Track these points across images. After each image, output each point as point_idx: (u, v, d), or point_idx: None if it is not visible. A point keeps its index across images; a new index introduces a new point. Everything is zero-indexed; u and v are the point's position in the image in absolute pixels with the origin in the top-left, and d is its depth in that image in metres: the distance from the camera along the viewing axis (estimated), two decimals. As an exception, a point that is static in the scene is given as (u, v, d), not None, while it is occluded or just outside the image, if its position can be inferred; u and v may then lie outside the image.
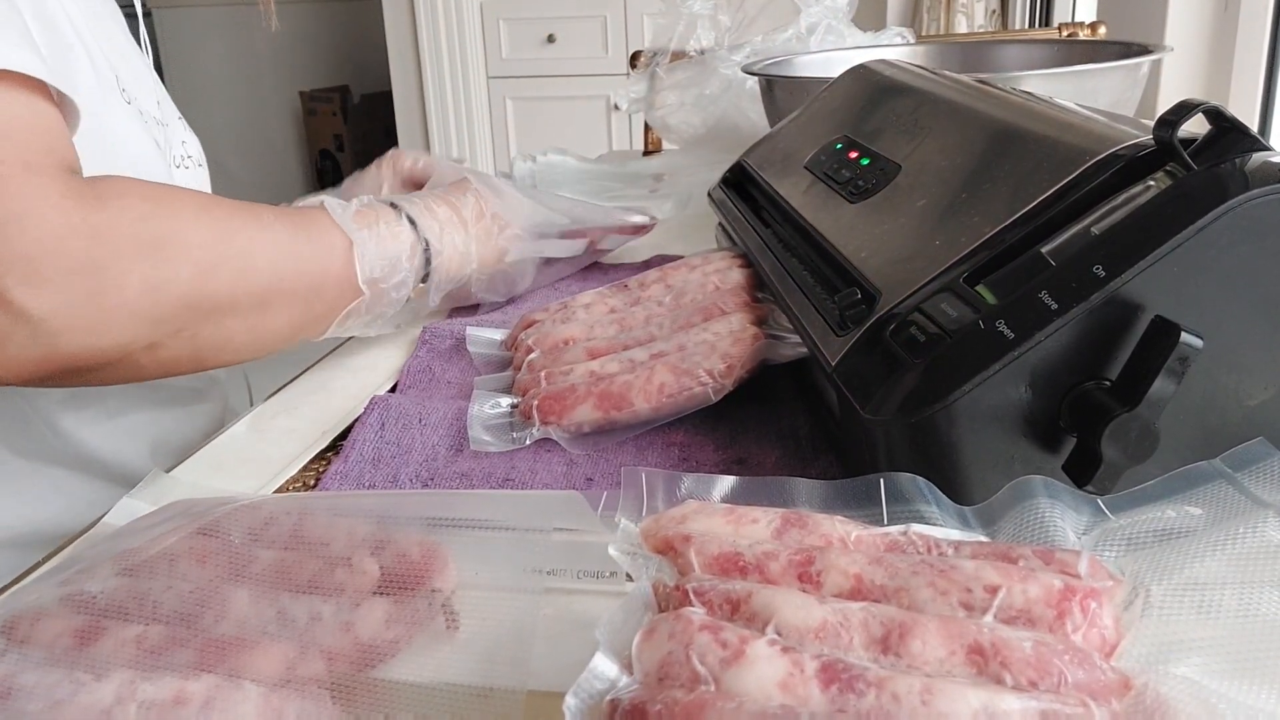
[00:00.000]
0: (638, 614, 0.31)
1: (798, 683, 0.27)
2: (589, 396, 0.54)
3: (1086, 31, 1.22)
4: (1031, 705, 0.26)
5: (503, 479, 0.51)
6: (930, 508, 0.37)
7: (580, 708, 0.28)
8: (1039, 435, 0.39)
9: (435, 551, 0.37)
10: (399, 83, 3.49)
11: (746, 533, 0.35)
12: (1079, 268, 0.38)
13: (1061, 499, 0.36)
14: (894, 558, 0.32)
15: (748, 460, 0.52)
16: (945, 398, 0.38)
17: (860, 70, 0.76)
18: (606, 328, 0.62)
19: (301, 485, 0.52)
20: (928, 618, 0.29)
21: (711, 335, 0.56)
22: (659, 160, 1.40)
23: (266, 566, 0.37)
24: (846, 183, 0.59)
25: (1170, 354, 0.36)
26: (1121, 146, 0.42)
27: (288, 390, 0.67)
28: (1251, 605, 0.29)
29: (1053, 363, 0.38)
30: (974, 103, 0.58)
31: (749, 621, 0.30)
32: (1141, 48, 0.92)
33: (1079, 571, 0.31)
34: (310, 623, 0.34)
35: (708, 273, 0.66)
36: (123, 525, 0.45)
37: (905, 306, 0.43)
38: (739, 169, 0.78)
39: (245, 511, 0.40)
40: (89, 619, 0.35)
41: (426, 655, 0.34)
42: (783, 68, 1.08)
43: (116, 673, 0.32)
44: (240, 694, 0.31)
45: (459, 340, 0.69)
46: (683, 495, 0.40)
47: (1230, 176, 0.38)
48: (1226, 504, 0.33)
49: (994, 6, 2.32)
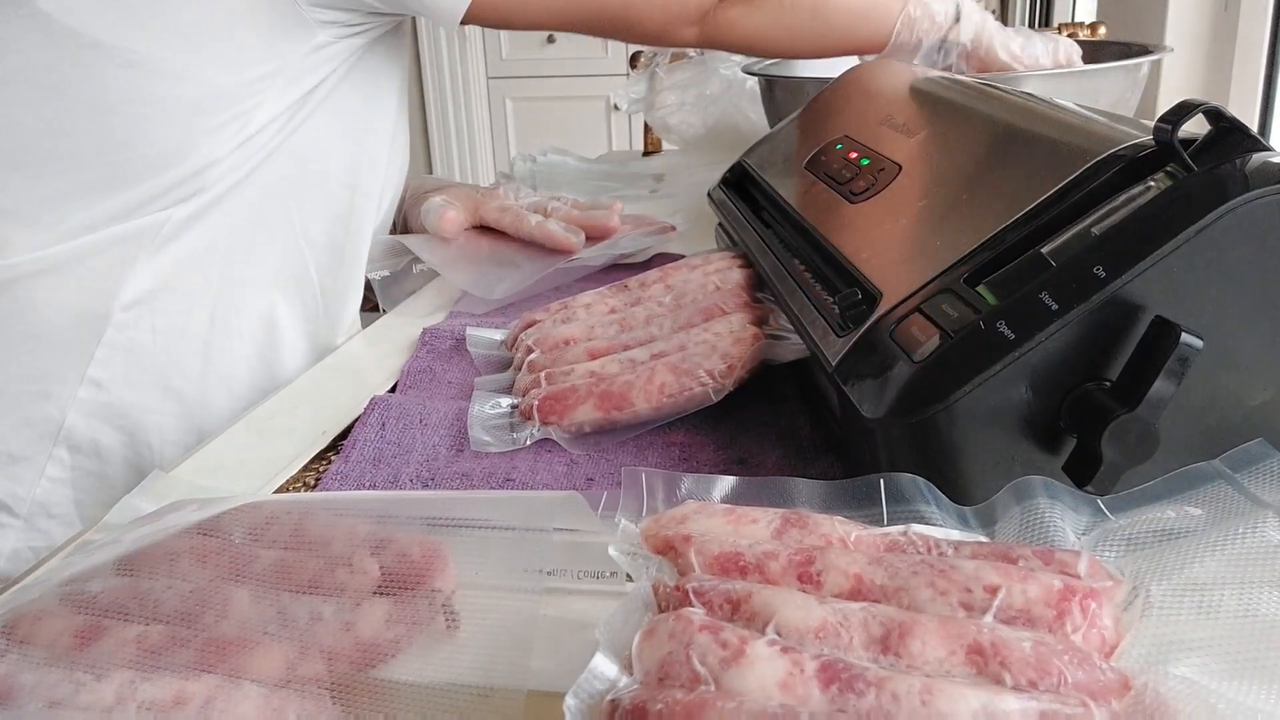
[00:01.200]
0: (638, 614, 0.31)
1: (797, 682, 0.27)
2: (589, 397, 0.54)
3: (1086, 32, 1.22)
4: (1031, 705, 0.26)
5: (503, 479, 0.51)
6: (930, 508, 0.37)
7: (580, 708, 0.28)
8: (1039, 436, 0.39)
9: (435, 551, 0.37)
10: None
11: (746, 533, 0.35)
12: (1079, 268, 0.39)
13: (1061, 499, 0.36)
14: (894, 558, 0.32)
15: (748, 460, 0.52)
16: (946, 398, 0.38)
17: (860, 70, 0.76)
18: (607, 328, 0.62)
19: (302, 485, 0.52)
20: (927, 618, 0.29)
21: (712, 335, 0.56)
22: (659, 160, 1.40)
23: (267, 566, 0.37)
24: (846, 183, 0.59)
25: (1170, 355, 0.36)
26: (1122, 147, 0.42)
27: (288, 390, 0.67)
28: (1251, 605, 0.29)
29: (1053, 363, 0.38)
30: (974, 103, 0.58)
31: (749, 621, 0.30)
32: (1141, 48, 0.92)
33: (1079, 572, 0.31)
34: (311, 623, 0.34)
35: (708, 273, 0.66)
36: (123, 525, 0.45)
37: (906, 307, 0.43)
38: (739, 169, 0.78)
39: (246, 511, 0.40)
40: (89, 619, 0.35)
41: (427, 655, 0.34)
42: (783, 68, 1.08)
43: (117, 673, 0.32)
44: (240, 694, 0.31)
45: (459, 340, 0.69)
46: (683, 495, 0.40)
47: (1230, 177, 0.38)
48: (1226, 504, 0.33)
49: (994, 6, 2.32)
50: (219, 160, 0.67)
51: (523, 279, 0.80)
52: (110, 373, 0.68)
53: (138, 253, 0.66)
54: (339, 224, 0.77)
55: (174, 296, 0.69)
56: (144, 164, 0.65)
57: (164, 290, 0.68)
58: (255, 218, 0.71)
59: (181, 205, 0.67)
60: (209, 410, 0.72)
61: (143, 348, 0.68)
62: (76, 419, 0.68)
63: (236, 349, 0.73)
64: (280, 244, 0.74)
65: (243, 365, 0.74)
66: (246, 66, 0.67)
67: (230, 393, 0.73)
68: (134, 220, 0.66)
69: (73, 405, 0.67)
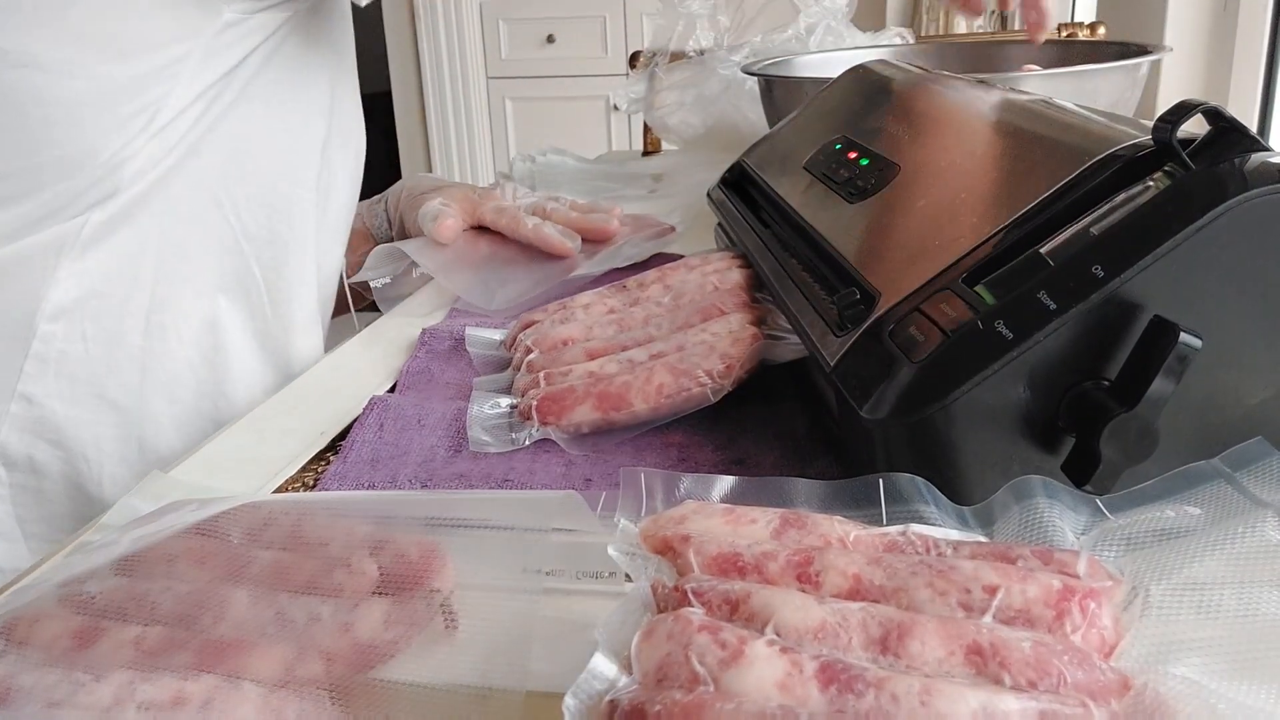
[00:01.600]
0: (636, 614, 0.31)
1: (796, 683, 0.27)
2: (588, 397, 0.54)
3: (1086, 32, 1.22)
4: (1030, 706, 0.26)
5: (501, 479, 0.51)
6: (929, 508, 0.37)
7: (579, 708, 0.28)
8: (1038, 435, 0.39)
9: (434, 552, 0.37)
10: (398, 83, 3.48)
11: (745, 533, 0.35)
12: (1078, 268, 0.39)
13: (1060, 499, 0.36)
14: (893, 558, 0.32)
15: (746, 460, 0.52)
16: (944, 398, 0.38)
17: (859, 70, 0.76)
18: (605, 328, 0.62)
19: (301, 485, 0.52)
20: (926, 618, 0.29)
21: (710, 335, 0.56)
22: (658, 160, 1.40)
23: (265, 567, 0.37)
24: (845, 183, 0.59)
25: (1169, 354, 0.36)
26: (1120, 147, 0.42)
27: (287, 390, 0.67)
28: (1251, 605, 0.29)
29: (1051, 363, 0.38)
30: (973, 103, 0.58)
31: (748, 622, 0.30)
32: (1140, 48, 0.92)
33: (1078, 571, 0.31)
34: (309, 623, 0.34)
35: (707, 273, 0.66)
36: (121, 526, 0.45)
37: (904, 307, 0.43)
38: (738, 169, 0.78)
39: (244, 512, 0.39)
40: (87, 620, 0.35)
41: (425, 656, 0.34)
42: (782, 68, 1.09)
43: (115, 674, 0.32)
44: (239, 695, 0.31)
45: (458, 341, 0.69)
46: (681, 495, 0.40)
47: (1229, 176, 0.38)
48: (1225, 504, 0.33)
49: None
50: (132, 156, 0.63)
51: (521, 291, 0.79)
52: (41, 387, 0.65)
53: (58, 260, 0.63)
54: (279, 217, 0.74)
55: (104, 304, 0.66)
56: (51, 168, 0.62)
57: (92, 298, 0.65)
58: (185, 215, 0.68)
59: (98, 208, 0.64)
60: (149, 420, 0.70)
61: (74, 359, 0.66)
62: (9, 435, 0.65)
63: (177, 355, 0.70)
64: (216, 241, 0.70)
65: (185, 371, 0.71)
66: (146, 53, 0.63)
67: (173, 400, 0.71)
68: (48, 228, 0.63)
69: (5, 421, 0.65)
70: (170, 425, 0.70)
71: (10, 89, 0.60)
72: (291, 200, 0.75)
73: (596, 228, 0.86)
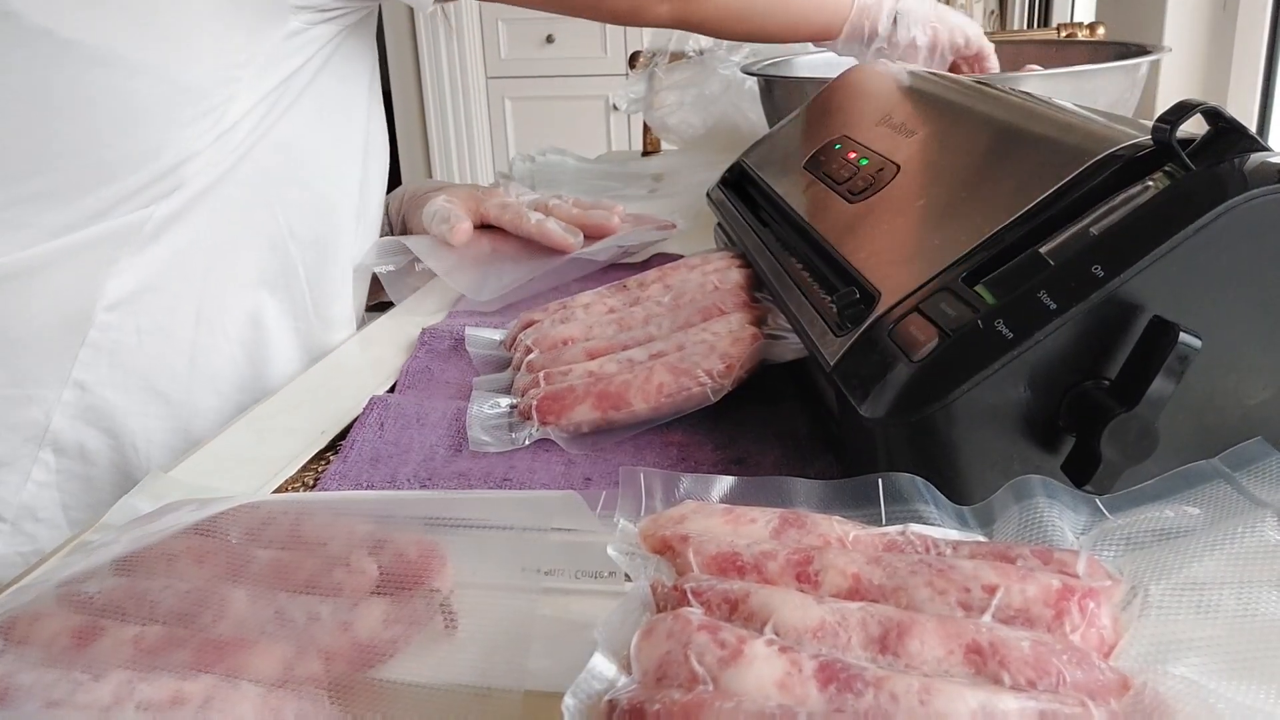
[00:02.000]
0: (636, 614, 0.31)
1: (796, 682, 0.27)
2: (587, 396, 0.54)
3: (1085, 32, 1.22)
4: (1030, 705, 0.26)
5: (501, 479, 0.51)
6: (928, 507, 0.37)
7: (578, 708, 0.28)
8: (1038, 435, 0.39)
9: (433, 551, 0.37)
10: (398, 83, 3.48)
11: (745, 533, 0.35)
12: (1078, 268, 0.38)
13: (1060, 499, 0.36)
14: (892, 557, 0.32)
15: (746, 460, 0.52)
16: (944, 397, 0.38)
17: (859, 70, 0.76)
18: (605, 328, 0.62)
19: (301, 485, 0.52)
20: (926, 617, 0.29)
21: (710, 335, 0.56)
22: (658, 160, 1.40)
23: (264, 566, 0.37)
24: (845, 183, 0.59)
25: (1169, 354, 0.36)
26: (1120, 147, 0.42)
27: (287, 390, 0.67)
28: (1250, 605, 0.29)
29: (1051, 362, 0.38)
30: (973, 103, 0.58)
31: (747, 621, 0.30)
32: (1140, 48, 0.92)
33: (1077, 571, 0.31)
34: (308, 623, 0.34)
35: (707, 273, 0.66)
36: (121, 525, 0.45)
37: (904, 306, 0.43)
38: (738, 169, 0.78)
39: (243, 511, 0.39)
40: (87, 619, 0.35)
41: (424, 655, 0.34)
42: (782, 68, 1.09)
43: (114, 673, 0.32)
44: (238, 694, 0.31)
45: (458, 341, 0.69)
46: (681, 495, 0.40)
47: (1229, 177, 0.38)
48: (1225, 503, 0.34)
49: (993, 7, 2.32)
50: (197, 154, 0.66)
51: (521, 275, 0.80)
52: (95, 375, 0.67)
53: (119, 252, 0.66)
54: (322, 218, 0.76)
55: (158, 297, 0.68)
56: (122, 161, 0.64)
57: (147, 290, 0.68)
58: (239, 213, 0.70)
59: (162, 202, 0.66)
60: (196, 411, 0.72)
61: (127, 349, 0.68)
62: (61, 422, 0.67)
63: (223, 349, 0.72)
64: (265, 240, 0.73)
65: (229, 365, 0.73)
66: (220, 57, 0.66)
67: (217, 393, 0.72)
68: (114, 219, 0.65)
69: (57, 408, 0.67)
70: (215, 418, 0.72)
71: (90, 84, 0.62)
72: (335, 202, 0.77)
73: (598, 224, 0.87)
